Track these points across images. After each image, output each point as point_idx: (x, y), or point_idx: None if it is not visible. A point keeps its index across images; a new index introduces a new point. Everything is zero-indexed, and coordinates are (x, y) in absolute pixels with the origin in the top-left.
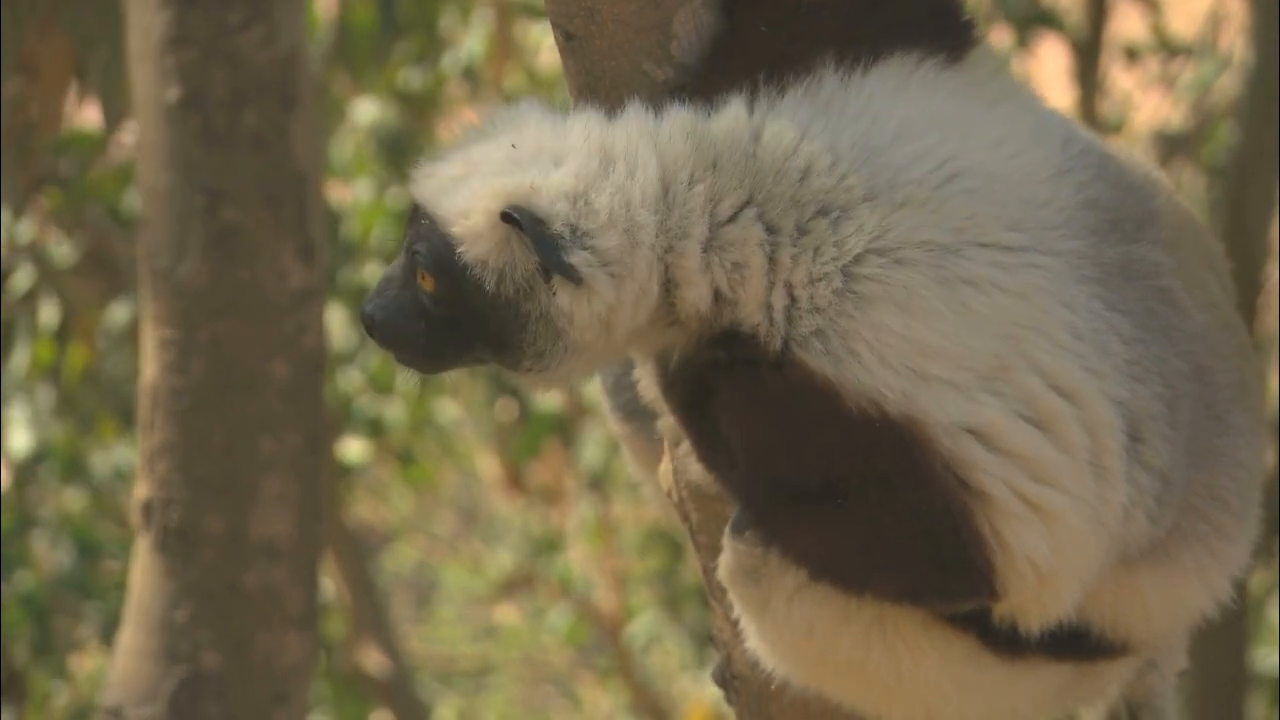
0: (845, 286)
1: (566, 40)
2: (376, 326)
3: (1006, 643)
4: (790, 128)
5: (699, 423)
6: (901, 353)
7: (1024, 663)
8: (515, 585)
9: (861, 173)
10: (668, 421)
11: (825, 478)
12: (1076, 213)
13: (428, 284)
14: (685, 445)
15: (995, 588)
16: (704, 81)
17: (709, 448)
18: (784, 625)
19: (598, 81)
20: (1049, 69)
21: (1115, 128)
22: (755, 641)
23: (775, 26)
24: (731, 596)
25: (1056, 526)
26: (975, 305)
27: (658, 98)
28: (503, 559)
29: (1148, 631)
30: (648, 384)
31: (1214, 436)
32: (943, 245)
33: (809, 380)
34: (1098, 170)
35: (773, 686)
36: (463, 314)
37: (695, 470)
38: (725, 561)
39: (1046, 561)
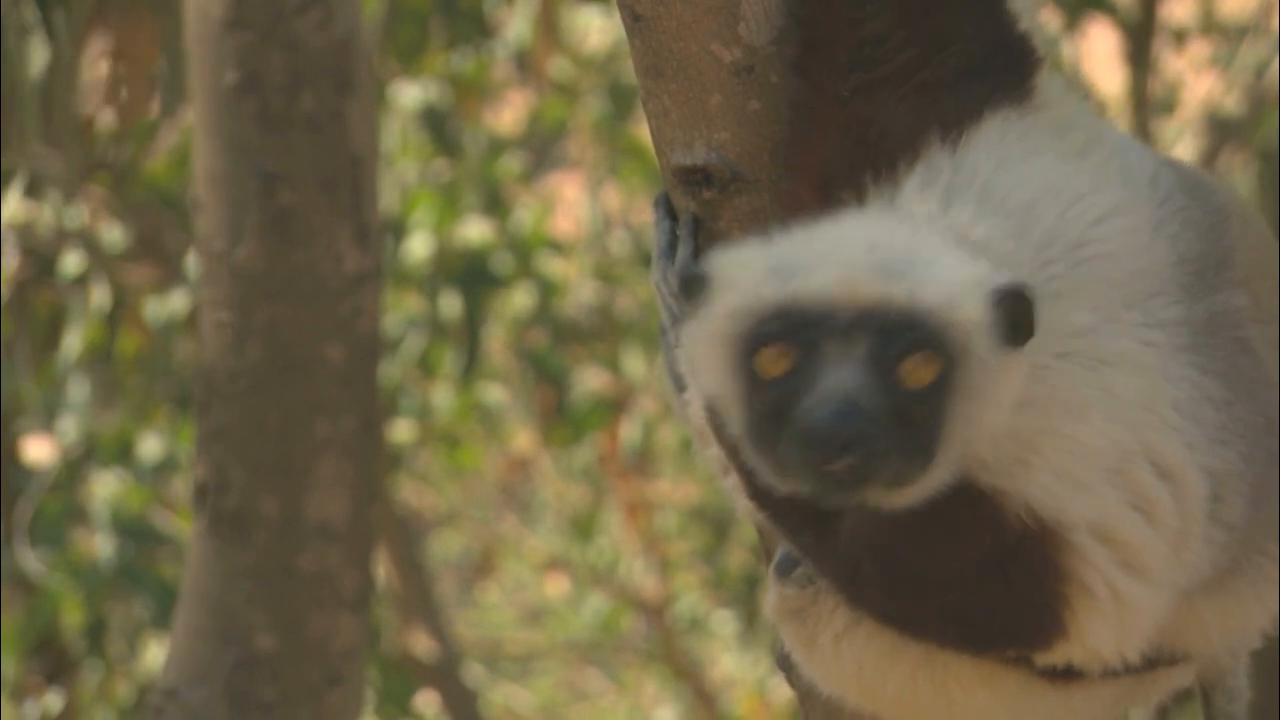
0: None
1: (634, 21)
2: (862, 440)
3: (1060, 672)
4: (878, 216)
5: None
6: (1062, 456)
7: (1077, 685)
8: (558, 566)
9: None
10: (715, 452)
11: (946, 566)
12: (1172, 273)
13: (922, 376)
14: (734, 479)
15: (1049, 652)
16: (792, 155)
17: (765, 490)
18: (832, 662)
19: (664, 63)
20: (1099, 51)
21: (1167, 109)
22: (805, 670)
23: (845, 74)
24: (779, 631)
25: (1133, 619)
26: (1115, 388)
27: (725, 80)
28: (550, 542)
29: (1207, 649)
30: (696, 412)
31: (1274, 477)
32: (1092, 328)
33: (969, 487)
34: (1184, 217)
35: None
36: (946, 403)
37: (743, 505)
38: (770, 601)
39: (1111, 649)
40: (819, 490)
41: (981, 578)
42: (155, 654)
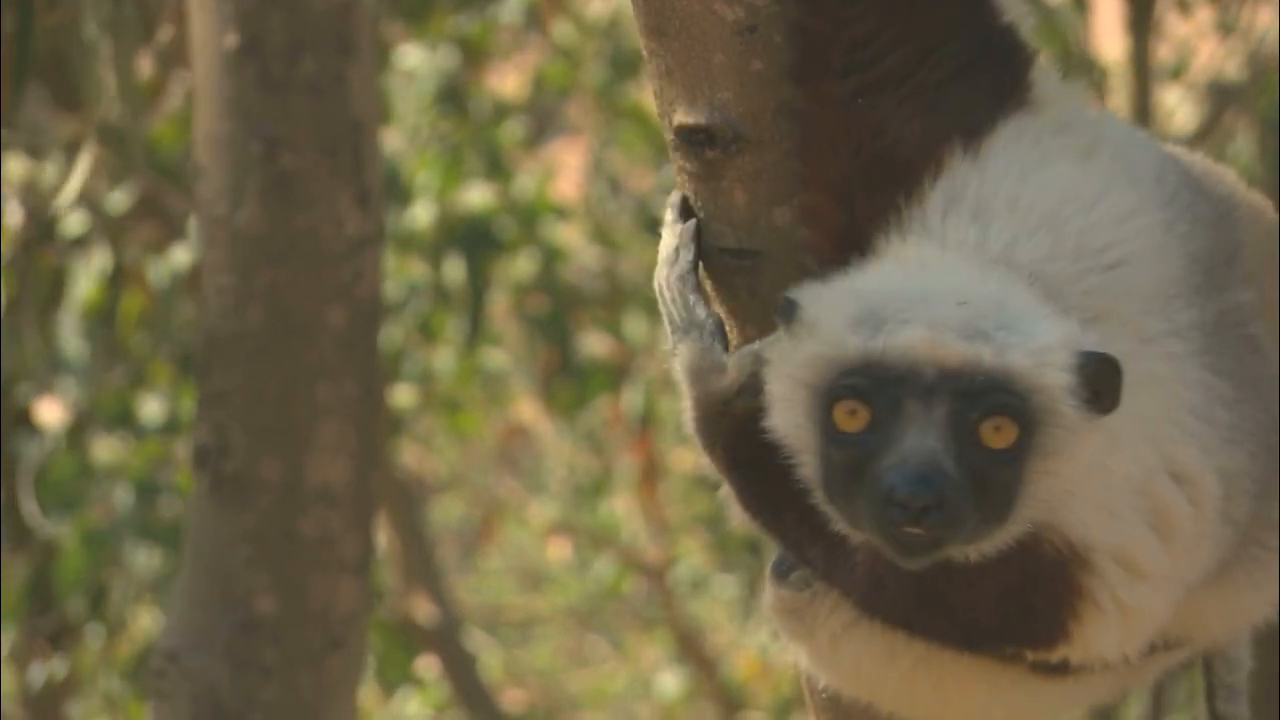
0: None
1: None
2: (943, 505)
3: (1057, 666)
4: (961, 263)
5: (752, 480)
6: (1097, 487)
7: (1074, 677)
8: (559, 531)
9: (1051, 296)
10: (706, 461)
11: (973, 587)
12: (1185, 274)
13: (1003, 439)
14: (725, 490)
15: (1050, 653)
16: (805, 169)
17: (757, 500)
18: (829, 660)
19: (667, 23)
20: (1104, 18)
21: (1173, 75)
22: (803, 664)
23: (840, 78)
24: (776, 627)
25: (1137, 623)
26: (1144, 409)
27: (728, 40)
28: (552, 508)
29: (1205, 636)
30: (688, 420)
31: (1274, 472)
32: (1130, 354)
33: None
34: (1192, 213)
35: None
36: (1024, 465)
37: (736, 514)
38: (768, 601)
39: (1113, 651)
40: (895, 550)
41: (1004, 596)
42: (157, 617)
